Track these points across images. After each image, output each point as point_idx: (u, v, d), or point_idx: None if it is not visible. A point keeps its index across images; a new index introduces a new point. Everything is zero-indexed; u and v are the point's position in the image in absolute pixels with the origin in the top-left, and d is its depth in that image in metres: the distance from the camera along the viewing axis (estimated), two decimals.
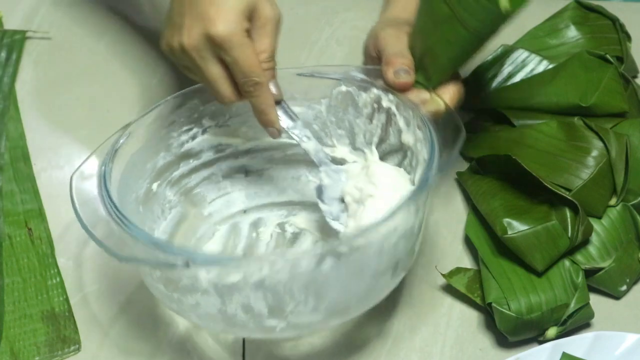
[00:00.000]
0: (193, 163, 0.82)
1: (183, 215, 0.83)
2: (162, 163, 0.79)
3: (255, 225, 0.84)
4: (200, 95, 0.79)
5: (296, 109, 0.81)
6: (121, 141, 0.73)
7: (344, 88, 0.80)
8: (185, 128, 0.80)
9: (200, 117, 0.80)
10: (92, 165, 0.72)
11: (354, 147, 0.83)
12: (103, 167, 0.71)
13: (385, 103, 0.78)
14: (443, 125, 0.73)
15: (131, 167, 0.75)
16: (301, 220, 0.84)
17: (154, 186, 0.79)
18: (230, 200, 0.85)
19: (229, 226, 0.84)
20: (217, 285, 0.67)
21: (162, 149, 0.79)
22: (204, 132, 0.81)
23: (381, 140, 0.80)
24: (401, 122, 0.77)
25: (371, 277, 0.70)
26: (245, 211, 0.85)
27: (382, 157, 0.81)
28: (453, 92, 0.77)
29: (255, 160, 0.86)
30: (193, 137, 0.81)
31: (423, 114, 0.74)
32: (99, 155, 0.72)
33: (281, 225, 0.84)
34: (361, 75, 0.79)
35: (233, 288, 0.67)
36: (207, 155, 0.83)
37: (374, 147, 0.81)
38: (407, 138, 0.77)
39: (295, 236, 0.83)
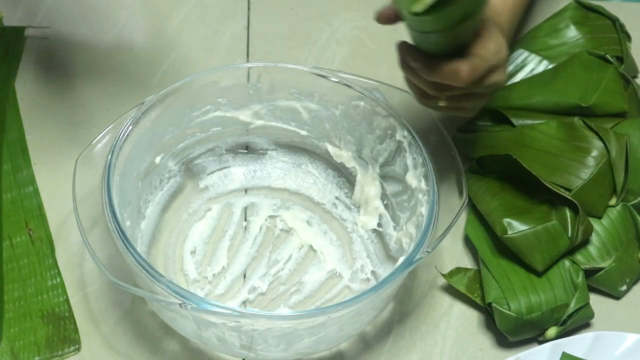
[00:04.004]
0: (200, 136, 0.83)
1: (180, 187, 0.84)
2: (169, 137, 0.81)
3: (248, 210, 0.85)
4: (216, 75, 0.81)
5: (312, 106, 0.82)
6: (129, 129, 0.75)
7: (362, 103, 0.80)
8: (199, 106, 0.81)
9: (216, 96, 0.81)
10: (95, 156, 0.74)
11: (359, 156, 0.83)
12: (109, 157, 0.73)
13: (398, 136, 0.78)
14: (447, 187, 0.75)
15: (138, 145, 0.76)
16: (292, 217, 0.84)
17: (157, 159, 0.80)
18: (229, 174, 0.86)
19: (222, 206, 0.85)
20: (197, 318, 0.69)
21: (171, 125, 0.80)
22: (217, 109, 0.82)
23: (387, 163, 0.81)
24: (409, 161, 0.78)
25: (347, 331, 0.74)
26: (245, 191, 0.86)
27: (384, 177, 0.82)
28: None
29: (261, 140, 0.86)
30: (205, 114, 0.82)
31: (433, 168, 0.74)
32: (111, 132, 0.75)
33: (272, 219, 0.84)
34: (382, 98, 0.79)
35: (211, 324, 0.69)
36: (215, 130, 0.84)
37: (377, 166, 0.82)
38: (411, 179, 0.78)
39: (283, 234, 0.84)
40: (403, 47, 0.73)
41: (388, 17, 0.72)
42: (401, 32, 1.04)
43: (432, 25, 0.68)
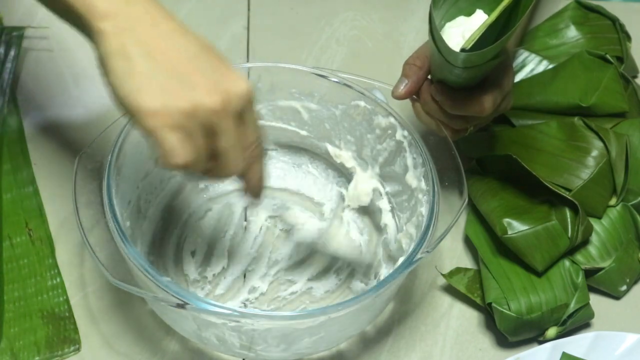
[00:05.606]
0: None
1: (180, 187, 0.84)
2: None
3: (248, 210, 0.85)
4: None
5: (312, 106, 0.82)
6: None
7: (362, 103, 0.80)
8: None
9: None
10: (95, 156, 0.74)
11: (359, 156, 0.83)
12: (109, 157, 0.73)
13: (398, 136, 0.78)
14: (448, 185, 0.75)
15: (138, 145, 0.76)
16: (292, 218, 0.84)
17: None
18: None
19: (222, 206, 0.85)
20: (197, 318, 0.69)
21: None
22: None
23: (387, 162, 0.81)
24: (409, 161, 0.78)
25: (347, 331, 0.74)
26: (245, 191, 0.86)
27: (384, 177, 0.82)
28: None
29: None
30: None
31: (433, 168, 0.75)
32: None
33: (272, 219, 0.84)
34: (382, 98, 0.79)
35: (210, 324, 0.69)
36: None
37: (377, 166, 0.82)
38: (411, 179, 0.78)
39: (283, 234, 0.84)
40: (426, 85, 0.76)
41: (408, 92, 0.76)
42: (401, 32, 1.05)
43: (474, 61, 0.70)
